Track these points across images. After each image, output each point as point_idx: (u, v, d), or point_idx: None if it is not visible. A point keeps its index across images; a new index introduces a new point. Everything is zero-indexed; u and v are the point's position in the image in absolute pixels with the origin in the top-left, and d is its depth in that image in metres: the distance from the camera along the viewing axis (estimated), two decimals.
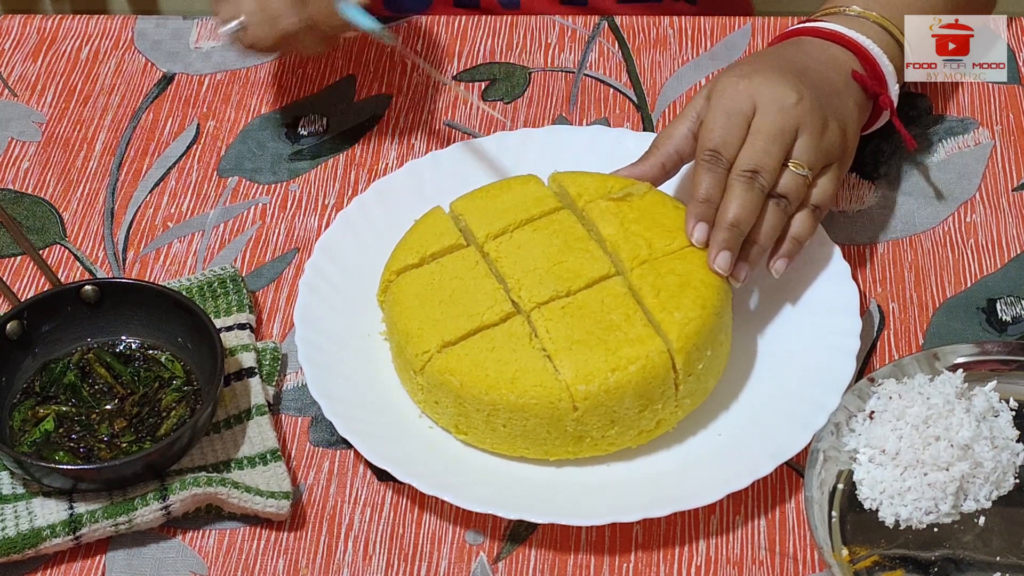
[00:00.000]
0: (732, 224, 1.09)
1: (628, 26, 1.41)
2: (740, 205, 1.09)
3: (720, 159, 1.10)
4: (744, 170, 1.09)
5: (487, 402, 1.04)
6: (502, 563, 1.04)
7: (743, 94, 1.11)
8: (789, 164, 1.11)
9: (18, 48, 1.40)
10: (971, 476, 1.03)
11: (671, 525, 1.05)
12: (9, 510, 1.03)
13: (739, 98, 1.11)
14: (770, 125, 1.10)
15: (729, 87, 1.12)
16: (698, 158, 1.11)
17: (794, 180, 1.11)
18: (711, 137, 1.11)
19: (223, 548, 1.05)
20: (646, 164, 1.15)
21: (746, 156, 1.10)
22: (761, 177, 1.09)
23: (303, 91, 1.36)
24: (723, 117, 1.11)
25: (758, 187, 1.09)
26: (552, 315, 1.06)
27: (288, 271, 1.21)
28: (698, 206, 1.10)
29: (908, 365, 1.10)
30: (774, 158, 1.10)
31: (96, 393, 1.09)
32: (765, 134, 1.10)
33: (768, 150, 1.10)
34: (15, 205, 1.27)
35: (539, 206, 1.14)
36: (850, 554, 1.02)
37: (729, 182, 1.10)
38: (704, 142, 1.11)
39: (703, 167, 1.10)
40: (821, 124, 1.12)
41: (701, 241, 1.10)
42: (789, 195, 1.11)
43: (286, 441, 1.10)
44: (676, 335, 1.05)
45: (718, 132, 1.11)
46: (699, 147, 1.12)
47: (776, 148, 1.10)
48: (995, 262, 1.21)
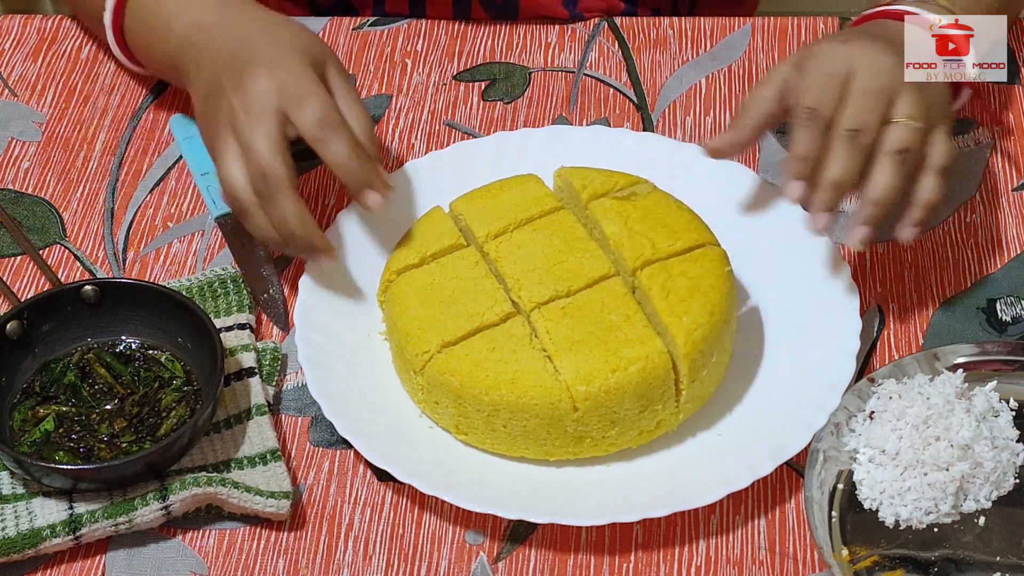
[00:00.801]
0: (833, 183, 1.07)
1: (628, 26, 1.41)
2: (841, 165, 1.07)
3: (818, 117, 1.08)
4: (846, 129, 1.07)
5: (487, 402, 1.04)
6: (502, 563, 1.04)
7: (841, 56, 1.10)
8: (899, 120, 1.08)
9: (18, 48, 1.40)
10: (971, 476, 1.03)
11: (671, 525, 1.05)
12: (9, 510, 1.03)
13: (837, 60, 1.10)
14: (870, 84, 1.09)
15: (827, 50, 1.11)
16: (796, 117, 1.09)
17: (911, 133, 1.08)
18: (809, 96, 1.09)
19: (223, 548, 1.05)
20: (738, 133, 1.13)
21: (847, 114, 1.08)
22: (863, 136, 1.07)
23: None
24: (822, 77, 1.09)
25: (859, 146, 1.07)
26: (552, 315, 1.06)
27: (288, 271, 1.21)
28: (795, 163, 1.08)
29: (908, 365, 1.10)
30: (874, 116, 1.08)
31: (96, 393, 1.09)
32: (865, 92, 1.08)
33: (869, 108, 1.08)
34: (15, 205, 1.27)
35: (539, 205, 1.14)
36: (850, 554, 1.02)
37: (830, 142, 1.08)
38: (802, 100, 1.09)
39: (801, 125, 1.09)
40: (919, 86, 1.10)
41: (796, 198, 1.08)
42: (910, 148, 1.08)
43: (286, 441, 1.10)
44: (683, 340, 1.05)
45: (816, 91, 1.09)
46: (796, 107, 1.10)
47: (877, 107, 1.08)
48: (995, 262, 1.21)
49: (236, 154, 1.11)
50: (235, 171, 1.11)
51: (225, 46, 1.16)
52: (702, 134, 1.31)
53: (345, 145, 1.10)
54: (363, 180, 1.11)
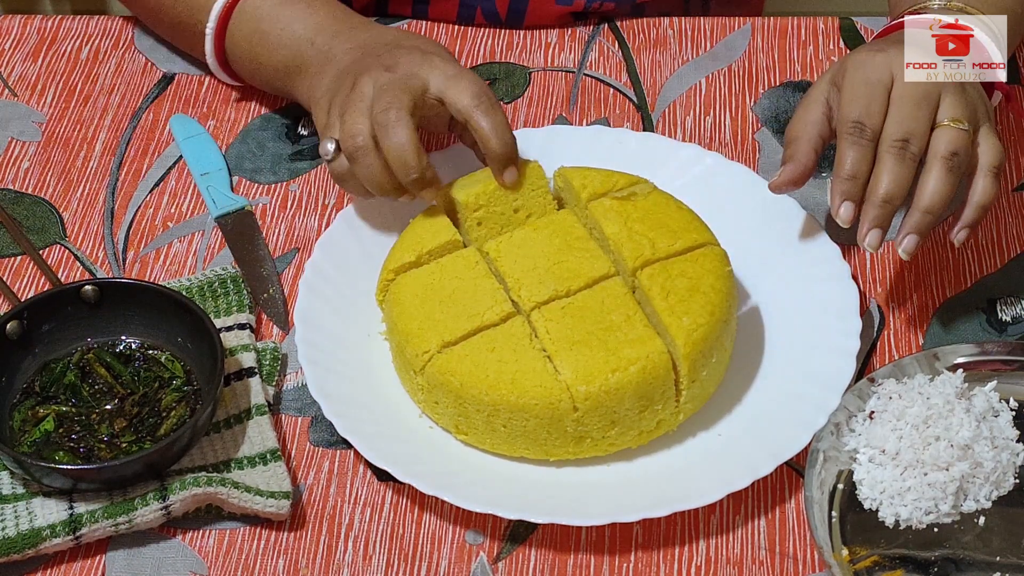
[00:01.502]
0: (885, 200, 1.06)
1: (628, 26, 1.41)
2: (893, 180, 1.06)
3: (865, 129, 1.07)
4: (895, 140, 1.06)
5: (487, 402, 1.04)
6: (502, 563, 1.04)
7: (880, 64, 1.09)
8: (947, 122, 1.07)
9: (18, 48, 1.40)
10: (971, 476, 1.03)
11: (671, 525, 1.05)
12: (9, 510, 1.03)
13: (877, 68, 1.08)
14: (913, 90, 1.07)
15: (865, 59, 1.09)
16: (841, 131, 1.08)
17: (960, 136, 1.07)
18: (853, 108, 1.07)
19: (223, 548, 1.05)
20: (799, 162, 1.11)
21: (894, 123, 1.07)
22: (912, 145, 1.06)
23: None
24: (863, 87, 1.08)
25: (909, 157, 1.06)
26: (552, 315, 1.06)
27: (288, 271, 1.21)
28: (844, 183, 1.07)
29: (908, 365, 1.10)
30: (922, 123, 1.07)
31: (96, 393, 1.09)
32: (909, 98, 1.07)
33: (915, 115, 1.06)
34: (15, 205, 1.27)
35: (539, 201, 1.14)
36: (850, 554, 1.02)
37: (879, 155, 1.07)
38: (846, 114, 1.08)
39: (847, 140, 1.07)
40: (960, 87, 1.09)
41: (848, 221, 1.07)
42: (960, 151, 1.07)
43: (286, 441, 1.10)
44: (683, 341, 1.05)
45: (860, 102, 1.07)
46: (841, 120, 1.08)
47: (923, 113, 1.07)
48: (995, 262, 1.21)
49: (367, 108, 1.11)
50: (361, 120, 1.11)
51: (364, 38, 1.19)
52: (702, 134, 1.31)
53: (502, 116, 1.11)
54: (512, 153, 1.12)
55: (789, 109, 1.33)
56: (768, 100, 1.34)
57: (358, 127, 1.11)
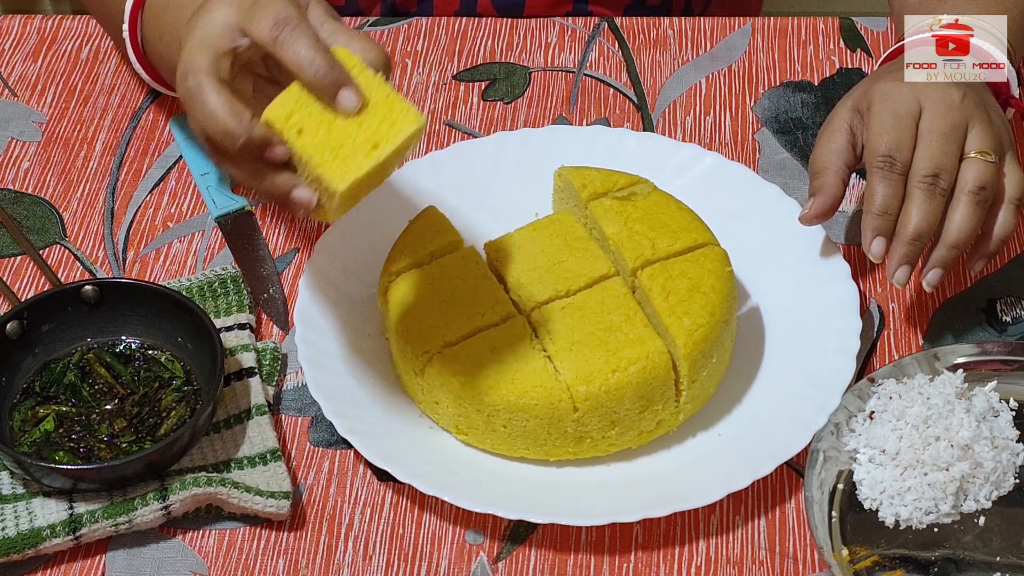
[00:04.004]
0: (914, 237, 1.05)
1: (628, 26, 1.41)
2: (923, 217, 1.05)
3: (895, 163, 1.06)
4: (925, 176, 1.06)
5: (487, 402, 1.04)
6: (502, 563, 1.04)
7: (907, 95, 1.08)
8: (974, 155, 1.07)
9: (18, 48, 1.40)
10: (971, 476, 1.03)
11: (671, 525, 1.05)
12: (9, 510, 1.03)
13: (904, 99, 1.08)
14: (941, 122, 1.07)
15: (892, 90, 1.09)
16: (871, 165, 1.07)
17: (988, 169, 1.07)
18: (882, 141, 1.07)
19: (223, 548, 1.05)
20: (828, 194, 1.10)
21: (924, 158, 1.06)
22: (942, 180, 1.06)
23: None
24: (891, 119, 1.07)
25: (939, 192, 1.06)
26: (552, 316, 1.06)
27: (288, 271, 1.21)
28: (876, 219, 1.06)
29: (908, 365, 1.10)
30: (951, 157, 1.06)
31: (96, 393, 1.09)
32: (939, 133, 1.07)
33: (945, 150, 1.06)
34: (15, 205, 1.27)
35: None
36: (850, 554, 1.02)
37: (909, 191, 1.06)
38: (876, 147, 1.07)
39: (878, 175, 1.07)
40: (986, 116, 1.09)
41: (879, 256, 1.07)
42: (987, 186, 1.06)
43: (286, 441, 1.11)
44: (684, 341, 1.05)
45: (889, 135, 1.07)
46: (870, 152, 1.08)
47: (952, 147, 1.07)
48: (995, 262, 1.21)
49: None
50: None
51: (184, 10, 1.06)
52: (702, 134, 1.31)
53: (308, 41, 0.95)
54: (334, 78, 0.94)
55: (789, 109, 1.33)
56: (768, 100, 1.34)
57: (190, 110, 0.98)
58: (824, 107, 1.33)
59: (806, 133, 1.31)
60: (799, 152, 1.29)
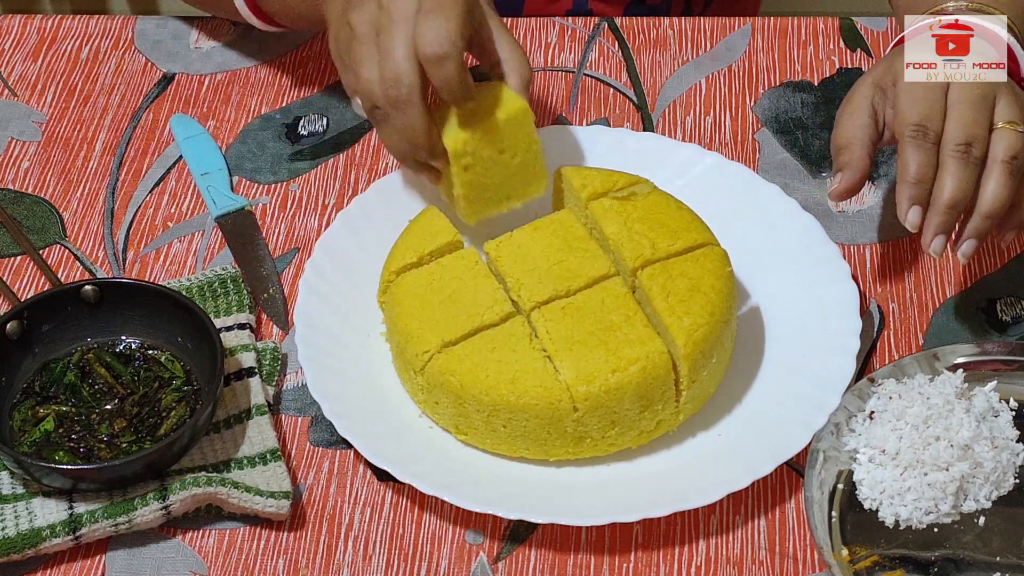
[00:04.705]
0: (950, 206, 1.05)
1: (628, 26, 1.41)
2: (958, 185, 1.05)
3: (928, 132, 1.06)
4: (958, 144, 1.05)
5: (487, 402, 1.04)
6: (502, 563, 1.04)
7: None
8: (1004, 125, 1.07)
9: (18, 48, 1.40)
10: (971, 476, 1.03)
11: (671, 525, 1.05)
12: (9, 510, 1.03)
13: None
14: (970, 92, 1.07)
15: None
16: (903, 135, 1.07)
17: (1018, 138, 1.06)
18: (914, 111, 1.07)
19: (223, 548, 1.05)
20: (856, 167, 1.09)
21: (956, 128, 1.06)
22: (975, 149, 1.05)
23: (303, 91, 1.36)
24: (921, 90, 1.07)
25: (972, 161, 1.05)
26: (552, 315, 1.06)
27: (288, 271, 1.21)
28: (912, 188, 1.06)
29: (908, 365, 1.10)
30: (983, 127, 1.06)
31: (96, 393, 1.09)
32: (969, 102, 1.07)
33: (976, 119, 1.06)
34: (15, 205, 1.27)
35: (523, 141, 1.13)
36: (850, 554, 1.02)
37: (942, 160, 1.06)
38: (907, 117, 1.07)
39: (911, 144, 1.06)
40: (1012, 87, 1.09)
41: (916, 225, 1.06)
42: (1019, 155, 1.06)
43: (286, 441, 1.11)
44: (684, 341, 1.05)
45: (920, 105, 1.07)
46: (901, 123, 1.07)
47: (983, 116, 1.06)
48: (995, 262, 1.21)
49: (375, 61, 1.08)
50: (372, 75, 1.08)
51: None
52: (702, 134, 1.31)
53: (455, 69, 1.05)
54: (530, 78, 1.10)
55: (789, 109, 1.33)
56: (768, 100, 1.34)
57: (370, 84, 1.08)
58: (824, 107, 1.33)
59: (806, 133, 1.31)
60: (799, 152, 1.29)
